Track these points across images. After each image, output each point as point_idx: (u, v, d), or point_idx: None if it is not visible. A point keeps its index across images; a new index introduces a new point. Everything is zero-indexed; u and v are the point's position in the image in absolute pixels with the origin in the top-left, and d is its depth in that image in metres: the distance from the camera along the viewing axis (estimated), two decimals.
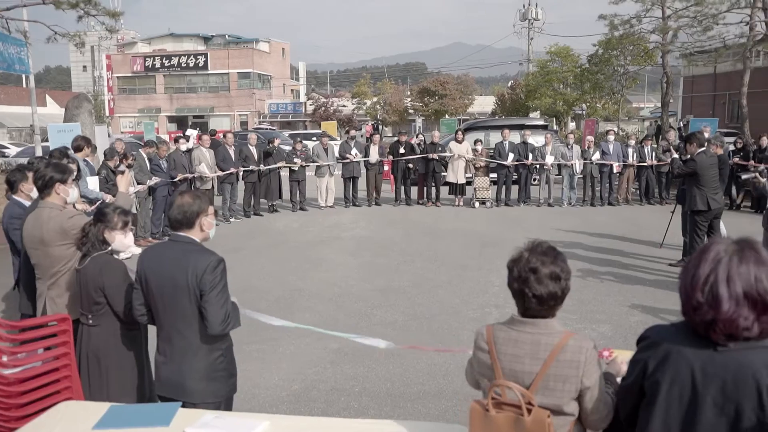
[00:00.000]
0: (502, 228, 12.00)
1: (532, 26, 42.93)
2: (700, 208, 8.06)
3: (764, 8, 17.66)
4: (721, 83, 32.61)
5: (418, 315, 6.94)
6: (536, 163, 14.89)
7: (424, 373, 5.31)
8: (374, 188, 15.16)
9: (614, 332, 6.27)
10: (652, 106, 60.44)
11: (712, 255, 1.82)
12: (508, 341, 2.19)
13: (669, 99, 23.70)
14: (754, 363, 1.76)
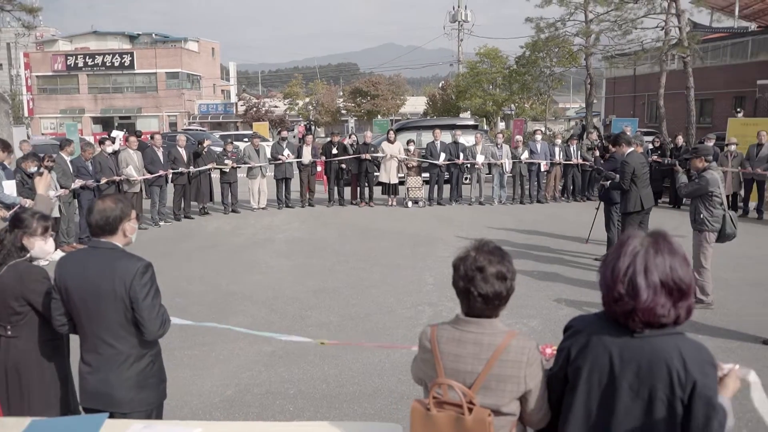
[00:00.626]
0: (435, 227, 12.16)
1: (461, 28, 43.57)
2: (635, 209, 8.18)
3: (677, 14, 18.52)
4: (641, 85, 34.00)
5: (352, 315, 6.96)
6: (467, 162, 15.15)
7: (360, 373, 5.33)
8: (307, 189, 15.08)
9: (543, 326, 6.46)
10: (577, 107, 62.32)
11: (630, 248, 1.91)
12: (452, 341, 2.19)
13: (593, 100, 24.52)
14: (666, 348, 1.87)
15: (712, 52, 29.88)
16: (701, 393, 1.84)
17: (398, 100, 49.57)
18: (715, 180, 6.95)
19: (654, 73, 23.06)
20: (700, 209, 6.99)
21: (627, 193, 8.17)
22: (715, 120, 28.21)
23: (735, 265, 8.92)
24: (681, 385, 1.85)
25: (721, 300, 7.20)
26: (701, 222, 6.99)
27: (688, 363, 1.85)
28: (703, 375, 1.85)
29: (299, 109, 52.56)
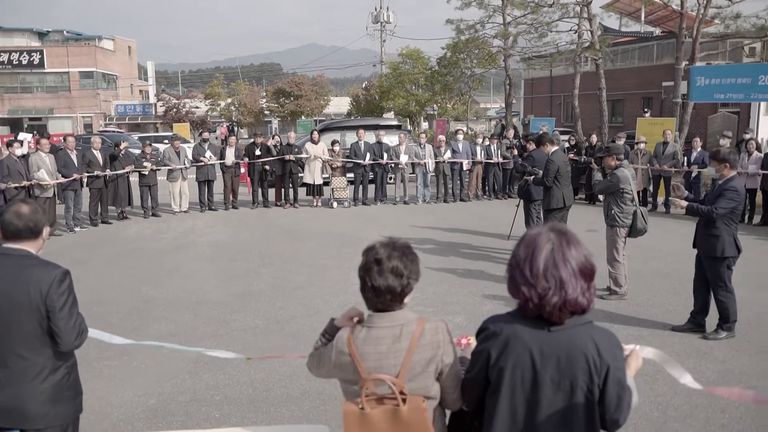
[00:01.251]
0: (360, 227, 12.22)
1: (384, 29, 43.96)
2: (558, 205, 8.45)
3: (589, 19, 19.32)
4: (557, 86, 35.22)
5: (278, 318, 6.91)
6: (391, 162, 15.29)
7: (287, 376, 5.30)
8: (231, 191, 14.84)
9: (468, 322, 6.60)
10: (498, 107, 63.92)
11: (542, 243, 1.98)
12: (368, 340, 2.19)
13: (512, 100, 25.24)
14: (581, 338, 1.97)
15: (622, 55, 31.31)
16: (614, 376, 1.97)
17: (322, 100, 49.43)
18: (626, 177, 7.30)
19: (569, 74, 23.96)
20: (612, 205, 7.32)
21: (550, 190, 8.42)
22: (626, 119, 29.58)
23: (646, 257, 9.39)
24: (597, 371, 1.95)
25: (633, 290, 7.57)
26: (613, 217, 7.32)
27: (601, 349, 1.96)
28: (614, 359, 1.98)
29: (221, 110, 51.57)
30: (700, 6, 16.96)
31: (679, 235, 11.43)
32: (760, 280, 8.29)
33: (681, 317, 6.68)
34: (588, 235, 10.51)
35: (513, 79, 25.76)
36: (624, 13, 28.79)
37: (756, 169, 12.28)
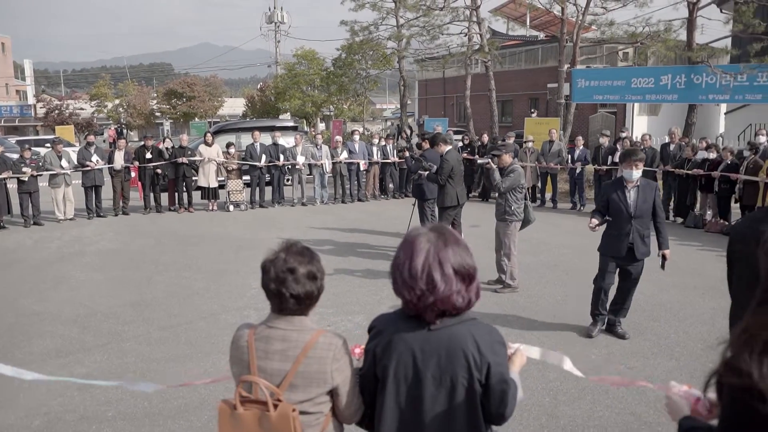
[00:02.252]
0: (258, 230, 12.06)
1: (278, 29, 43.50)
2: (452, 204, 8.67)
3: (478, 22, 20.01)
4: (450, 87, 36.18)
5: (174, 325, 6.70)
6: (288, 163, 15.18)
7: (185, 386, 5.15)
8: (120, 197, 14.21)
9: (368, 322, 6.61)
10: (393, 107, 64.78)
11: (421, 245, 2.02)
12: (262, 338, 2.19)
13: (406, 101, 25.70)
14: (461, 335, 2.02)
15: (510, 58, 32.60)
16: (496, 371, 2.03)
17: (216, 101, 48.17)
18: (521, 173, 7.66)
19: (461, 75, 24.69)
20: (510, 201, 7.61)
21: (444, 188, 8.64)
22: (515, 119, 30.84)
23: (535, 250, 9.84)
24: (477, 367, 2.01)
25: (525, 283, 7.92)
26: (511, 213, 7.60)
27: (481, 346, 2.02)
28: (495, 355, 2.05)
29: (108, 112, 49.13)
30: (579, 13, 17.95)
31: (565, 228, 12.09)
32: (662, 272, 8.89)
33: (570, 307, 7.08)
34: (471, 230, 10.89)
35: (407, 80, 26.23)
36: (511, 18, 30.08)
37: None
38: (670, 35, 16.90)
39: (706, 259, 9.54)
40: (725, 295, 3.42)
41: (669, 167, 12.79)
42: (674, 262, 9.28)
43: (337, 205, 15.54)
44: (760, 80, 14.42)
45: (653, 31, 17.34)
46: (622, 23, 18.23)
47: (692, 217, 12.35)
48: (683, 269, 8.83)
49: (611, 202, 5.93)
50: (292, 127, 20.44)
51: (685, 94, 15.68)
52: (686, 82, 15.36)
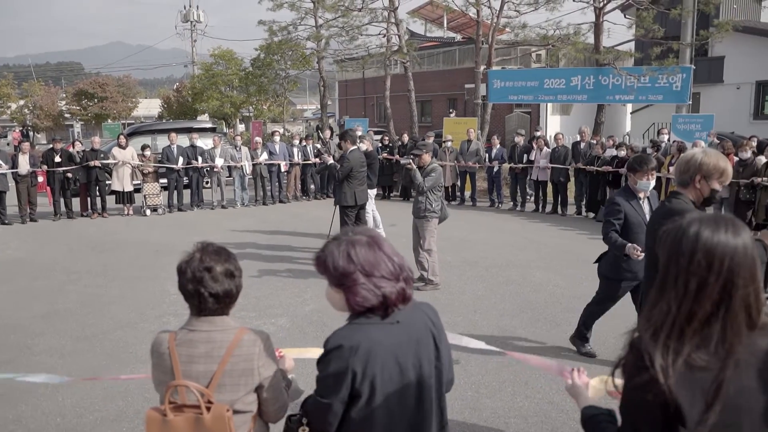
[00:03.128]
0: (177, 234, 11.74)
1: (194, 28, 42.48)
2: (349, 203, 8.78)
3: (396, 23, 20.21)
4: (369, 87, 36.36)
5: (89, 336, 6.44)
6: (206, 165, 14.88)
7: (101, 398, 4.97)
8: (27, 203, 13.50)
9: (291, 324, 6.64)
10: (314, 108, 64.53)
11: (379, 239, 2.07)
12: (185, 342, 2.16)
13: (327, 101, 25.64)
14: (421, 318, 2.12)
15: (428, 59, 33.09)
16: (445, 339, 2.18)
17: (130, 102, 46.53)
18: (441, 172, 7.81)
19: (380, 76, 24.87)
20: (431, 199, 7.72)
21: (341, 188, 8.74)
22: (434, 119, 31.33)
23: (456, 248, 10.05)
24: (438, 341, 2.13)
25: (446, 280, 8.07)
26: (431, 211, 7.70)
27: (435, 321, 2.17)
28: (441, 325, 2.20)
29: (12, 113, 46.57)
30: (493, 15, 18.44)
31: (485, 225, 12.40)
32: (551, 261, 9.25)
33: (490, 302, 7.27)
34: (390, 229, 11.01)
35: (327, 81, 26.16)
36: (428, 20, 30.54)
37: (546, 163, 13.64)
38: (579, 38, 17.61)
39: None
40: None
41: (580, 164, 13.33)
42: (587, 255, 9.70)
43: (258, 207, 15.34)
44: (660, 82, 15.26)
45: (563, 34, 18.01)
46: (535, 26, 18.87)
47: (602, 212, 12.90)
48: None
49: (628, 217, 5.11)
50: (211, 129, 20.06)
51: (594, 95, 16.41)
52: (594, 83, 16.07)
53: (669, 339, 1.53)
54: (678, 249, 1.57)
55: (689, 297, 1.53)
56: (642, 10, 16.49)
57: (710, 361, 1.50)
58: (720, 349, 1.51)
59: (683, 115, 15.10)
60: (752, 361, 1.53)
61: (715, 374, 1.50)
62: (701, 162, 3.25)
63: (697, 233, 1.55)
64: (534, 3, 18.59)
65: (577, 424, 4.35)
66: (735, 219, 1.63)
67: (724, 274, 1.51)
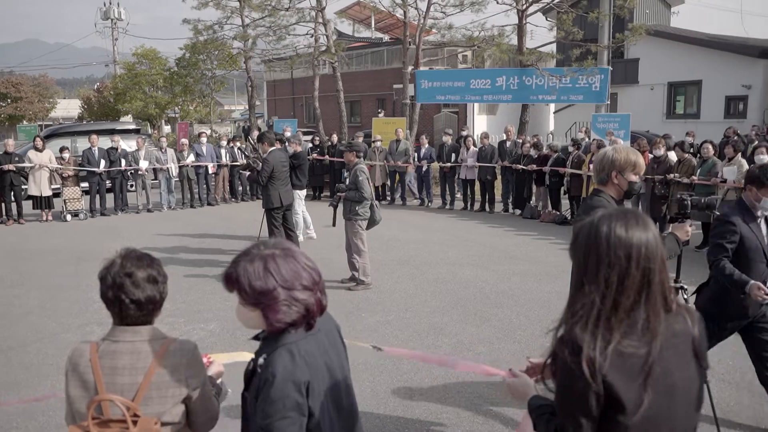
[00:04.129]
0: (100, 240, 11.34)
1: (115, 26, 41.04)
2: (274, 205, 8.70)
3: (324, 23, 20.15)
4: (298, 88, 36.08)
5: (5, 349, 6.14)
6: (130, 168, 14.43)
7: (20, 414, 4.75)
8: None
9: (221, 328, 6.53)
10: (242, 108, 63.52)
11: (293, 249, 1.99)
12: (107, 354, 2.07)
13: (255, 102, 25.28)
14: (331, 322, 2.14)
15: (357, 59, 33.14)
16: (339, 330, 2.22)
17: (47, 103, 44.54)
18: (366, 172, 7.83)
19: (309, 76, 24.70)
20: (354, 201, 7.77)
21: (267, 189, 8.65)
22: (363, 119, 31.39)
23: (386, 247, 10.13)
24: (341, 333, 2.18)
25: (377, 279, 8.12)
26: (355, 212, 7.76)
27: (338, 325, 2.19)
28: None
29: None
30: (420, 17, 18.64)
31: (414, 224, 12.54)
32: (480, 258, 9.45)
33: (420, 300, 7.37)
34: (325, 230, 11.01)
35: (255, 81, 25.78)
36: (356, 20, 30.60)
37: (473, 162, 13.92)
38: (503, 40, 18.02)
39: (542, 247, 10.33)
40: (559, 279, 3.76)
41: (506, 163, 13.67)
42: (514, 252, 9.97)
43: (186, 210, 15.00)
44: (580, 82, 15.83)
45: (488, 35, 18.40)
46: (460, 27, 19.18)
47: (528, 209, 13.31)
48: (522, 258, 9.50)
49: (745, 241, 3.93)
50: (134, 130, 19.51)
51: (518, 95, 16.84)
52: (519, 84, 16.50)
53: (597, 329, 1.61)
54: (596, 245, 1.66)
55: (612, 288, 1.62)
56: (562, 13, 17.05)
57: (638, 346, 1.60)
58: (646, 334, 1.62)
59: (602, 115, 15.69)
60: (672, 342, 1.66)
61: (644, 358, 1.60)
62: (613, 158, 3.40)
63: (610, 228, 1.65)
64: (459, 5, 18.88)
65: (508, 418, 4.49)
66: (640, 213, 1.74)
67: (642, 263, 1.62)
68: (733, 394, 4.79)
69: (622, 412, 1.59)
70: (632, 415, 1.58)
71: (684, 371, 1.68)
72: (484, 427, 4.39)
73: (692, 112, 24.70)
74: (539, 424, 1.85)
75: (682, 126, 22.21)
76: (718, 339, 4.11)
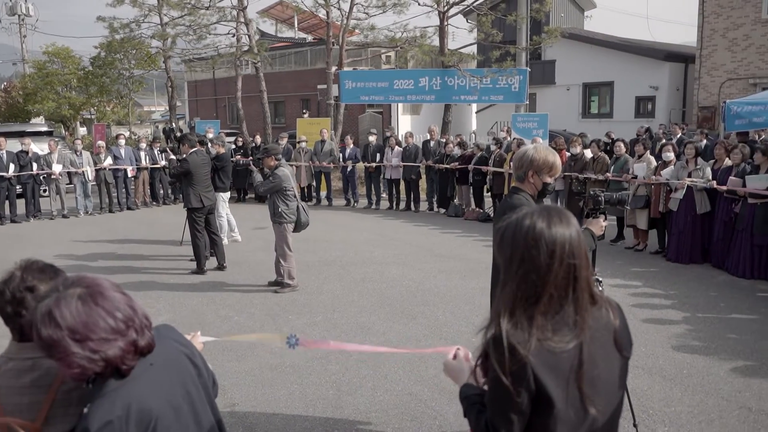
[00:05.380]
0: (9, 249, 10.76)
1: (23, 22, 39.05)
2: (195, 205, 8.59)
3: (246, 23, 19.86)
4: (221, 88, 35.43)
5: None
6: (42, 173, 13.78)
7: None
8: None
9: None
10: (162, 110, 61.78)
11: (104, 284, 1.78)
12: (5, 373, 1.94)
13: (176, 102, 24.68)
14: (167, 345, 1.92)
15: (280, 59, 32.85)
16: (193, 350, 2.02)
17: None
18: (287, 176, 7.70)
19: (232, 77, 24.27)
20: (278, 204, 7.67)
21: (188, 190, 8.57)
22: (288, 120, 31.18)
23: (313, 248, 10.10)
24: (191, 356, 1.96)
25: (304, 281, 8.09)
26: (280, 215, 7.67)
27: (179, 339, 1.99)
28: (184, 338, 2.05)
29: None
30: (343, 17, 18.67)
31: (341, 225, 12.56)
32: (406, 257, 9.56)
33: (348, 300, 7.39)
34: (254, 232, 10.91)
35: (176, 82, 25.14)
36: (279, 20, 30.32)
37: (398, 162, 14.06)
38: (425, 41, 18.30)
39: (466, 244, 10.54)
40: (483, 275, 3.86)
41: (430, 162, 13.87)
42: (439, 250, 10.13)
43: (104, 215, 14.47)
44: (500, 83, 16.26)
45: (410, 36, 18.64)
46: (383, 28, 19.34)
47: (453, 207, 13.56)
48: (447, 255, 9.68)
49: None
50: (47, 132, 18.67)
51: (441, 95, 17.13)
52: (441, 84, 16.78)
53: (526, 327, 1.64)
54: (519, 243, 1.69)
55: (539, 286, 1.65)
56: (481, 15, 17.46)
57: (568, 342, 1.64)
58: (575, 328, 1.66)
59: (522, 114, 16.15)
60: (599, 335, 1.71)
61: (573, 353, 1.64)
62: (532, 158, 3.51)
63: (533, 225, 1.69)
64: (382, 6, 19.03)
65: (436, 413, 4.57)
66: (563, 210, 1.78)
67: (566, 259, 1.66)
68: (646, 380, 5.04)
69: (551, 407, 1.62)
70: (561, 409, 1.62)
71: (607, 362, 1.72)
72: (412, 424, 4.45)
73: (606, 111, 25.78)
74: (469, 414, 1.86)
75: (597, 125, 23.21)
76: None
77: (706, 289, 7.66)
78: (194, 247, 8.79)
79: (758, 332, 6.12)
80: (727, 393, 4.80)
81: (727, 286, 7.75)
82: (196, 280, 8.45)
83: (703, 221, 8.76)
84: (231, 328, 6.49)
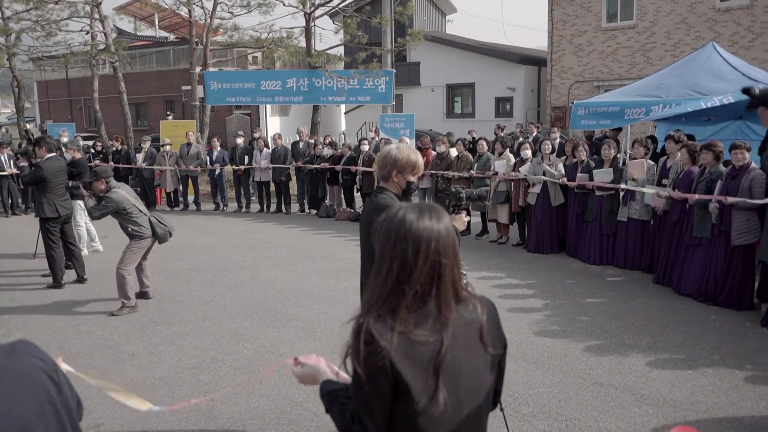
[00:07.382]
0: None
1: None
2: (49, 215, 8.02)
3: (101, 20, 18.78)
4: (76, 89, 33.29)
5: None
6: None
7: None
8: None
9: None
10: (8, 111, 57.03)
11: None
12: None
13: (23, 104, 22.88)
14: (22, 360, 1.78)
15: (141, 59, 31.36)
16: (53, 366, 1.85)
17: None
18: (123, 196, 7.03)
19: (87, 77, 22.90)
20: (126, 225, 7.07)
21: (40, 199, 8.03)
22: (151, 122, 29.87)
23: (182, 254, 9.76)
24: (49, 372, 1.80)
25: (173, 288, 7.80)
26: (133, 234, 7.04)
27: (39, 355, 1.81)
28: (45, 354, 1.87)
29: None
30: (206, 16, 18.13)
31: (210, 229, 12.23)
32: (278, 259, 9.49)
33: (219, 307, 7.22)
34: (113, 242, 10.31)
35: (22, 81, 23.29)
36: (138, 18, 28.85)
37: (267, 164, 13.91)
38: (292, 42, 18.20)
39: (338, 244, 10.63)
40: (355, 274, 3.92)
41: (300, 163, 13.83)
42: (311, 251, 10.15)
43: None
44: (367, 84, 16.54)
45: (276, 37, 18.46)
46: (248, 28, 19.01)
47: (324, 208, 13.61)
48: (320, 256, 9.71)
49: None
50: None
51: (309, 96, 17.15)
52: (309, 85, 16.79)
53: (388, 320, 1.67)
54: (389, 236, 1.73)
55: (398, 277, 1.68)
56: (347, 17, 17.64)
57: (429, 335, 1.68)
58: (437, 324, 1.70)
59: (389, 115, 16.52)
60: (460, 331, 1.76)
61: (436, 347, 1.68)
62: (395, 158, 3.61)
63: (403, 221, 1.73)
64: (246, 5, 18.71)
65: (312, 414, 4.58)
66: (436, 206, 1.84)
67: (431, 255, 1.69)
68: (512, 365, 5.34)
69: (410, 398, 1.66)
70: (420, 401, 1.66)
71: (470, 357, 1.77)
72: (289, 428, 4.43)
73: (468, 111, 26.92)
74: (333, 409, 1.88)
75: (461, 124, 24.18)
76: None
77: (563, 276, 8.24)
78: (49, 259, 8.19)
79: (607, 313, 6.68)
80: (582, 371, 5.20)
81: (581, 273, 8.39)
82: (52, 295, 7.90)
83: (559, 213, 9.44)
84: (93, 344, 6.13)
